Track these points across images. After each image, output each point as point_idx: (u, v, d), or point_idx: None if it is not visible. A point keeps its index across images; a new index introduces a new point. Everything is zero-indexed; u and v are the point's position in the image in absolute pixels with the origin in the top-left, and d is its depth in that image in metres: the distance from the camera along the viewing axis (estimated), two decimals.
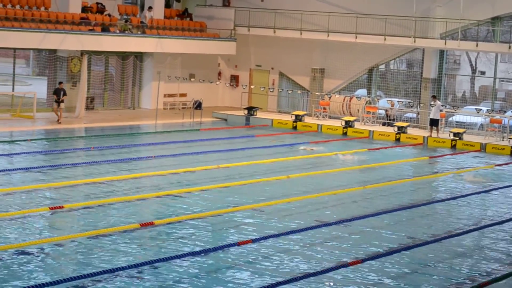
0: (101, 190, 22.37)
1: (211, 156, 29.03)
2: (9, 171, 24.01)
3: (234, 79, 45.62)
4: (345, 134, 37.68)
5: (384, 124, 39.82)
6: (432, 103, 36.88)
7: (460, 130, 36.40)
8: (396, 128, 37.33)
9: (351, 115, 40.10)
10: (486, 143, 35.26)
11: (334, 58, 42.59)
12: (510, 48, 37.21)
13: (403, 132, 36.96)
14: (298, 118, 39.20)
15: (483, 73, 47.73)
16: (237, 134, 36.24)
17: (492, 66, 41.97)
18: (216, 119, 40.36)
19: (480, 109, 39.00)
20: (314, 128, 38.46)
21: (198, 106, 38.74)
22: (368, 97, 41.51)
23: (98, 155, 27.91)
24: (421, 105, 39.98)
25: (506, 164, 31.62)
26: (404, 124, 37.79)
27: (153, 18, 41.41)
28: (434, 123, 36.52)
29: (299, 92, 42.96)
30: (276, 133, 36.77)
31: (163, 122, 37.46)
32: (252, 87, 44.13)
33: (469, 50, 42.87)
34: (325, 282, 15.42)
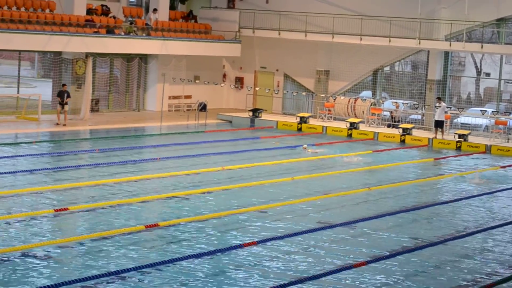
0: (106, 192, 22.38)
1: (215, 158, 29.04)
2: (14, 173, 24.04)
3: (239, 81, 45.63)
4: (350, 136, 37.66)
5: (389, 126, 39.78)
6: (437, 104, 36.84)
7: (465, 132, 36.35)
8: (401, 130, 37.28)
9: (356, 117, 40.07)
10: (491, 145, 35.23)
11: (339, 60, 42.59)
12: None
13: (408, 134, 36.93)
14: (303, 120, 39.20)
15: (488, 74, 47.68)
16: (241, 136, 36.25)
17: (497, 67, 41.95)
18: (221, 121, 40.36)
19: (485, 110, 38.96)
20: (319, 130, 38.44)
21: (203, 108, 38.76)
22: (373, 98, 41.49)
23: (103, 157, 27.93)
24: (426, 106, 39.95)
25: (511, 166, 31.56)
26: (409, 125, 37.75)
27: (158, 20, 41.44)
28: (439, 124, 36.48)
29: (304, 94, 42.95)
30: (280, 135, 36.76)
31: (168, 124, 37.48)
32: (257, 89, 44.13)
33: (474, 51, 42.82)
34: (329, 284, 15.40)
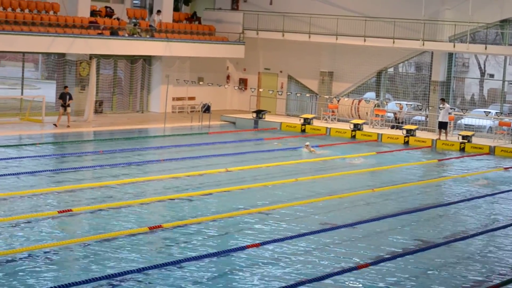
0: (109, 193, 22.40)
1: (219, 160, 29.04)
2: (17, 174, 24.04)
3: (243, 83, 45.65)
4: (353, 137, 37.65)
5: (392, 127, 39.77)
6: (440, 106, 36.82)
7: (469, 133, 36.33)
8: (404, 131, 37.27)
9: (359, 118, 40.06)
10: (495, 146, 35.20)
11: (343, 61, 42.59)
12: None
13: (412, 135, 36.91)
14: (307, 121, 39.21)
15: (492, 76, 47.66)
16: (245, 137, 36.25)
17: (501, 69, 41.93)
18: (224, 123, 40.37)
19: (489, 112, 38.93)
20: (322, 131, 38.44)
21: (207, 109, 38.78)
22: (377, 100, 41.47)
23: (107, 159, 27.95)
24: (429, 108, 39.92)
25: None
26: (413, 127, 37.74)
27: (161, 22, 41.46)
28: (443, 126, 36.45)
29: (307, 95, 42.95)
30: (284, 136, 36.75)
31: (172, 126, 37.48)
32: (260, 90, 44.14)
33: (478, 53, 42.81)
34: (333, 285, 15.40)
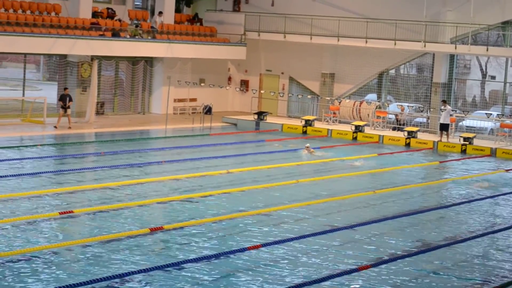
0: (110, 195, 22.40)
1: (220, 161, 29.05)
2: (19, 176, 24.05)
3: (244, 84, 45.65)
4: (355, 139, 37.65)
5: (394, 129, 39.76)
6: (442, 107, 36.82)
7: (470, 135, 36.33)
8: (406, 133, 37.28)
9: (361, 119, 40.06)
10: (496, 148, 35.19)
11: (344, 62, 42.60)
12: None
13: (413, 137, 36.92)
14: (308, 123, 39.21)
15: (493, 77, 47.64)
16: (247, 139, 36.26)
17: (502, 70, 41.91)
18: (226, 124, 40.36)
19: (490, 113, 38.92)
20: (324, 133, 38.44)
21: (208, 111, 38.78)
22: (378, 101, 41.47)
23: (108, 160, 27.96)
24: (431, 109, 39.92)
25: None
26: (414, 128, 37.74)
27: (163, 23, 41.47)
28: (444, 127, 36.45)
29: (309, 97, 42.95)
30: (285, 137, 36.75)
31: (173, 127, 37.48)
32: (262, 92, 44.14)
33: (479, 54, 42.81)
34: (334, 287, 15.40)
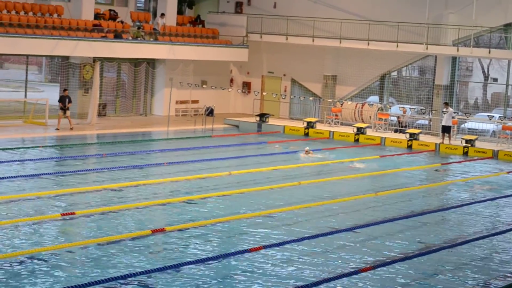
0: (112, 196, 22.42)
1: (222, 163, 29.05)
2: (21, 177, 24.08)
3: (246, 86, 45.67)
4: (357, 141, 37.64)
5: (396, 131, 39.77)
6: (444, 110, 36.81)
7: (472, 137, 36.31)
8: (408, 135, 37.27)
9: (363, 121, 40.05)
10: (498, 150, 35.17)
11: (346, 64, 42.61)
12: None
13: (415, 139, 36.90)
14: (310, 125, 39.20)
15: (495, 80, 47.60)
16: (248, 140, 36.27)
17: (504, 73, 41.87)
18: (228, 126, 40.38)
19: (493, 116, 38.90)
20: (326, 135, 38.44)
21: (210, 112, 38.79)
22: (380, 103, 41.47)
23: (110, 162, 27.96)
24: (433, 112, 39.92)
25: None
26: (416, 131, 37.72)
27: (165, 25, 41.50)
28: (446, 130, 36.45)
29: (311, 98, 42.95)
30: (287, 139, 36.73)
31: (175, 129, 37.50)
32: (264, 93, 44.14)
33: (481, 57, 42.77)
34: None
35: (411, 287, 15.91)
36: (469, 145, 35.71)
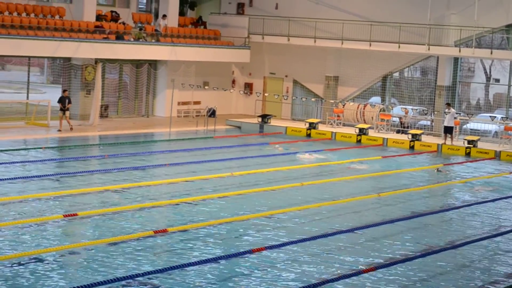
0: (115, 197, 22.42)
1: (224, 164, 29.05)
2: (23, 178, 24.09)
3: (248, 87, 45.67)
4: (359, 141, 37.63)
5: (398, 131, 39.75)
6: (446, 110, 36.79)
7: (475, 138, 36.29)
8: (410, 136, 37.25)
9: (365, 122, 40.04)
10: (500, 151, 35.14)
11: (348, 65, 42.58)
12: None
13: (417, 140, 36.88)
14: (312, 126, 39.18)
15: (497, 80, 47.55)
16: (250, 141, 36.25)
17: (506, 73, 41.85)
18: (230, 127, 40.37)
19: (495, 116, 38.88)
20: (328, 136, 38.42)
21: (212, 113, 38.78)
22: (382, 104, 41.45)
23: (112, 163, 27.96)
24: (435, 112, 39.90)
25: None
26: (418, 131, 37.71)
27: (167, 26, 41.51)
28: (448, 130, 36.42)
29: (313, 99, 42.94)
30: (290, 140, 36.72)
31: (177, 130, 37.50)
32: (266, 94, 44.14)
33: (483, 57, 42.74)
34: None
35: (415, 287, 15.89)
36: (471, 145, 35.68)
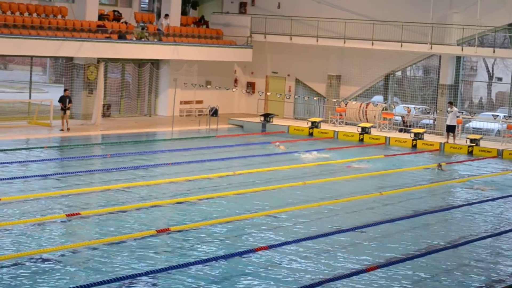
0: (117, 197, 22.43)
1: (227, 163, 29.06)
2: (26, 178, 24.11)
3: (250, 86, 45.66)
4: (361, 140, 37.61)
5: (400, 130, 39.74)
6: (448, 109, 36.77)
7: (477, 137, 36.27)
8: (412, 135, 37.25)
9: (367, 121, 40.02)
10: (503, 149, 35.12)
11: (351, 64, 42.58)
12: None
13: (420, 139, 36.87)
14: (315, 125, 39.18)
15: (500, 79, 47.55)
16: (253, 141, 36.25)
17: (509, 72, 41.85)
18: (232, 126, 40.37)
19: (497, 115, 38.85)
20: (330, 135, 38.40)
21: (214, 113, 38.78)
22: (385, 103, 41.44)
23: (115, 162, 27.98)
24: (437, 111, 39.88)
25: None
26: (421, 130, 37.70)
27: (169, 26, 41.51)
28: (451, 129, 36.41)
29: (315, 98, 42.93)
30: (292, 139, 36.71)
31: (180, 129, 37.51)
32: (268, 94, 44.14)
33: (486, 56, 42.74)
34: None
35: (417, 285, 15.88)
36: (473, 144, 35.67)
